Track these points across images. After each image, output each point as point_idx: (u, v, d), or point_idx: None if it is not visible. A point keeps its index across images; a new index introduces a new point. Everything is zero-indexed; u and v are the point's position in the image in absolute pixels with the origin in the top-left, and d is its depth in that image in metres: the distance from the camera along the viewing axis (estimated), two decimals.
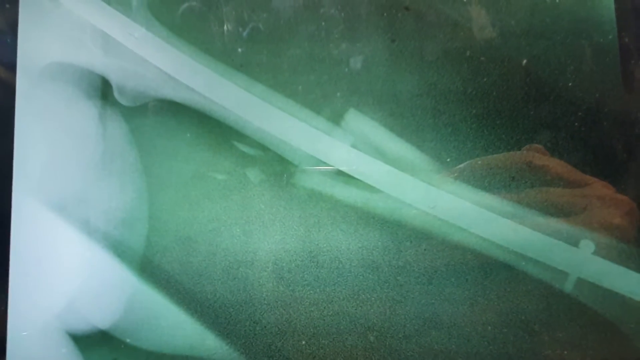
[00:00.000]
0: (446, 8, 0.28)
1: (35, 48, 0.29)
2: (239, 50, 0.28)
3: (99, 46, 0.29)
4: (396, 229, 0.27)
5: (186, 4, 0.29)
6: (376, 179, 0.27)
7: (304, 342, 0.27)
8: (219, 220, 0.28)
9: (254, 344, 0.27)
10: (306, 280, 0.27)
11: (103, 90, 0.28)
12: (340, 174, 0.27)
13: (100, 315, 0.27)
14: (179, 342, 0.27)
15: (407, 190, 0.27)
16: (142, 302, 0.27)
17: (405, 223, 0.27)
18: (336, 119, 0.27)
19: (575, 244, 0.26)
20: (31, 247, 0.28)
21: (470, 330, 0.26)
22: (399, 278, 0.27)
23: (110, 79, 0.28)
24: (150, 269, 0.27)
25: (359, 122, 0.27)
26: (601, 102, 0.27)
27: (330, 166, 0.27)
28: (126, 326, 0.27)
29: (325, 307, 0.27)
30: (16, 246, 0.28)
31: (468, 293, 0.26)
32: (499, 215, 0.26)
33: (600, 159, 0.27)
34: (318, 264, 0.27)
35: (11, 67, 0.29)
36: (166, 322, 0.27)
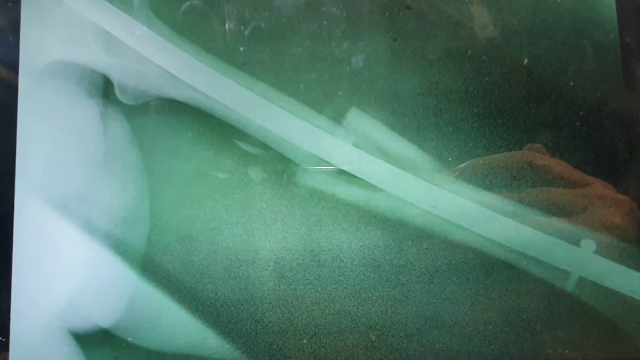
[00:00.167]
0: (448, 7, 0.28)
1: (37, 46, 0.29)
2: (241, 48, 0.28)
3: (100, 45, 0.29)
4: (397, 227, 0.27)
5: (188, 2, 0.29)
6: (378, 178, 0.27)
7: (305, 341, 0.27)
8: (221, 219, 0.28)
9: (255, 342, 0.27)
10: (307, 279, 0.27)
11: (105, 89, 0.28)
12: (341, 172, 0.27)
13: (101, 314, 0.27)
14: (180, 341, 0.27)
15: (408, 189, 0.27)
16: (144, 300, 0.27)
17: (407, 222, 0.27)
18: (338, 117, 0.27)
19: (576, 243, 0.26)
20: (33, 245, 0.28)
21: (472, 329, 0.26)
22: (400, 277, 0.27)
23: (111, 77, 0.28)
24: (152, 267, 0.27)
25: (360, 121, 0.27)
26: (602, 102, 0.27)
27: (332, 165, 0.27)
28: (128, 325, 0.27)
29: (326, 306, 0.27)
30: (18, 245, 0.28)
31: (469, 292, 0.26)
32: (500, 214, 0.26)
33: (601, 158, 0.27)
34: (319, 262, 0.27)
35: (13, 66, 0.29)
36: (167, 321, 0.27)
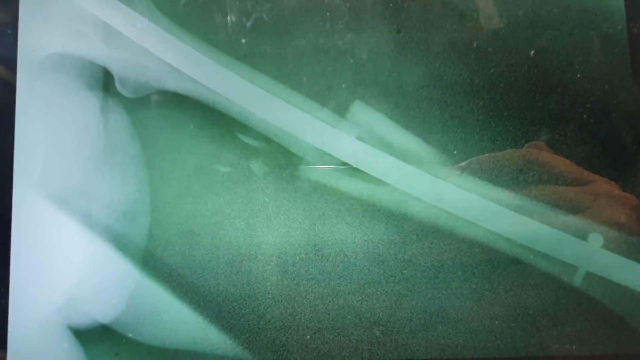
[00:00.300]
0: None
1: (36, 39, 0.29)
2: (243, 41, 0.28)
3: (100, 37, 0.28)
4: (402, 222, 0.27)
5: None
6: (382, 172, 0.27)
7: (308, 336, 0.27)
8: (223, 213, 0.27)
9: (257, 338, 0.27)
10: (311, 274, 0.27)
11: (105, 82, 0.28)
12: (345, 166, 0.27)
13: (102, 309, 0.27)
14: (181, 336, 0.27)
15: (413, 183, 0.27)
16: (145, 296, 0.27)
17: (411, 216, 0.27)
18: (341, 110, 0.27)
19: (583, 237, 0.26)
20: (32, 241, 0.28)
21: (477, 324, 0.26)
22: (404, 272, 0.27)
23: (112, 70, 0.28)
24: (153, 262, 0.27)
25: (364, 113, 0.27)
26: (610, 94, 0.27)
27: (336, 159, 0.27)
28: (128, 320, 0.27)
29: (330, 301, 0.27)
30: (17, 240, 0.28)
31: (475, 287, 0.26)
32: (506, 209, 0.26)
33: (609, 151, 0.26)
34: (323, 257, 0.27)
35: (12, 59, 0.28)
36: (169, 317, 0.27)
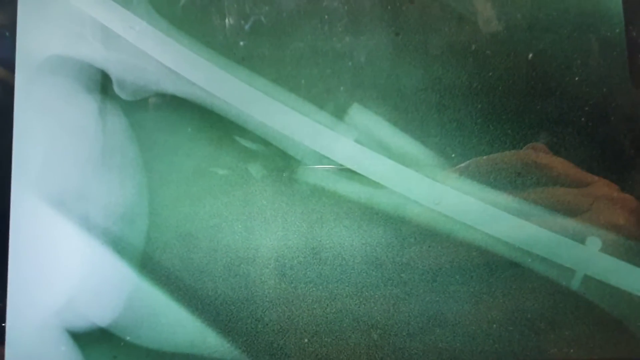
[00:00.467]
0: (451, 1, 0.28)
1: (34, 41, 0.29)
2: (241, 43, 0.28)
3: (98, 39, 0.28)
4: (400, 225, 0.27)
5: None
6: (380, 175, 0.27)
7: (306, 340, 0.27)
8: (221, 216, 0.27)
9: (255, 341, 0.27)
10: (308, 277, 0.27)
11: (103, 85, 0.28)
12: (343, 169, 0.27)
13: (99, 312, 0.27)
14: (179, 339, 0.27)
15: (411, 186, 0.27)
16: (142, 299, 0.27)
17: (410, 219, 0.27)
18: (340, 113, 0.27)
19: (581, 241, 0.26)
20: (30, 243, 0.28)
21: (475, 328, 0.26)
22: (403, 275, 0.27)
23: (110, 73, 0.28)
24: (151, 265, 0.27)
25: (362, 116, 0.27)
26: (608, 97, 0.27)
27: (334, 162, 0.27)
28: (126, 323, 0.27)
29: (328, 305, 0.27)
30: (15, 242, 0.28)
31: (473, 290, 0.26)
32: (504, 212, 0.26)
33: (607, 154, 0.26)
34: (321, 260, 0.27)
35: (10, 61, 0.28)
36: (167, 320, 0.27)
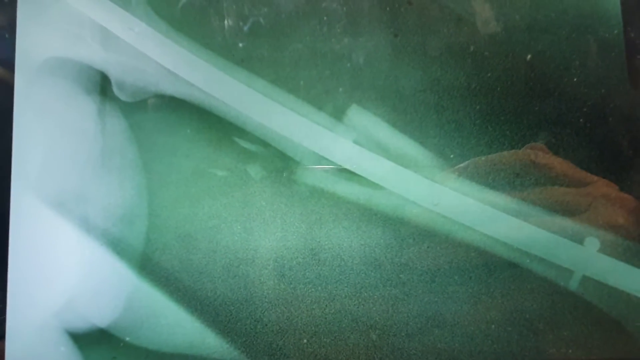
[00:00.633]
0: (449, 2, 0.28)
1: (34, 43, 0.29)
2: (240, 45, 0.28)
3: (98, 41, 0.28)
4: (399, 226, 0.27)
5: None
6: (378, 176, 0.27)
7: (305, 340, 0.27)
8: (220, 217, 0.27)
9: (254, 342, 0.27)
10: (307, 278, 0.27)
11: (102, 86, 0.28)
12: (342, 170, 0.27)
13: (99, 313, 0.27)
14: (178, 340, 0.27)
15: (410, 187, 0.27)
16: (142, 300, 0.27)
17: (408, 220, 0.27)
18: (338, 114, 0.27)
19: (580, 241, 0.26)
20: (30, 244, 0.28)
21: (474, 328, 0.26)
22: (401, 276, 0.27)
23: (109, 74, 0.28)
24: (150, 266, 0.27)
25: (361, 117, 0.27)
26: (606, 98, 0.27)
27: (332, 163, 0.27)
28: (125, 324, 0.27)
29: (326, 305, 0.27)
30: (15, 243, 0.28)
31: (471, 291, 0.26)
32: (502, 213, 0.26)
33: (605, 155, 0.26)
34: (319, 261, 0.27)
35: (9, 63, 0.28)
36: (166, 321, 0.27)
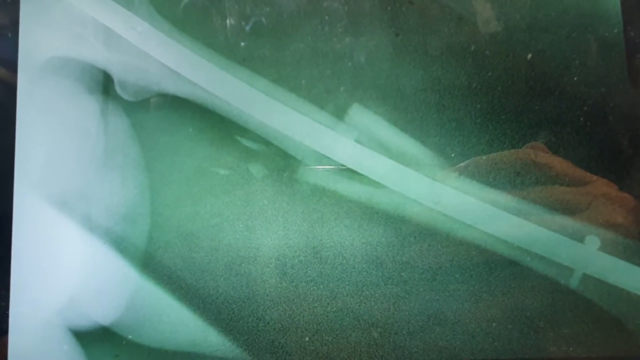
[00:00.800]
0: (450, 2, 0.28)
1: (37, 43, 0.29)
2: (242, 44, 0.28)
3: (100, 41, 0.28)
4: (400, 224, 0.27)
5: None
6: (380, 174, 0.27)
7: (307, 338, 0.27)
8: (222, 215, 0.27)
9: (257, 340, 0.27)
10: (309, 276, 0.27)
11: (105, 85, 0.28)
12: (343, 169, 0.27)
13: (102, 311, 0.27)
14: (181, 338, 0.27)
15: (411, 186, 0.27)
16: (144, 298, 0.27)
17: (409, 219, 0.27)
18: (340, 113, 0.27)
19: (580, 240, 0.26)
20: (33, 243, 0.28)
21: (475, 326, 0.26)
22: (403, 274, 0.27)
23: (112, 73, 0.28)
24: (152, 264, 0.27)
25: (362, 116, 0.27)
26: (607, 97, 0.27)
27: (334, 162, 0.27)
28: (128, 322, 0.27)
29: (328, 303, 0.27)
30: (18, 242, 0.28)
31: (472, 289, 0.26)
32: (503, 211, 0.26)
33: (606, 154, 0.26)
34: (321, 259, 0.27)
35: (12, 62, 0.28)
36: (168, 319, 0.27)
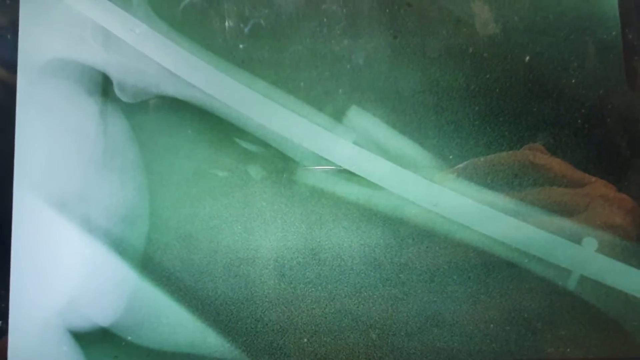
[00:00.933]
0: (449, 4, 0.28)
1: (36, 44, 0.29)
2: (241, 46, 0.28)
3: (99, 42, 0.28)
4: (398, 226, 0.27)
5: None
6: (378, 176, 0.27)
7: (305, 339, 0.27)
8: (220, 217, 0.27)
9: (255, 341, 0.27)
10: (308, 278, 0.27)
11: (104, 87, 0.28)
12: (342, 170, 0.27)
13: (101, 312, 0.27)
14: (180, 339, 0.27)
15: (409, 188, 0.27)
16: (143, 299, 0.27)
17: (408, 220, 0.27)
18: (338, 115, 0.27)
19: (578, 241, 0.26)
20: (32, 244, 0.28)
21: (473, 328, 0.26)
22: (401, 276, 0.27)
23: (111, 75, 0.28)
24: (151, 266, 0.27)
25: (361, 118, 0.27)
26: (605, 99, 0.27)
27: (332, 163, 0.27)
28: (127, 324, 0.27)
29: (326, 305, 0.27)
30: (17, 243, 0.28)
31: (470, 291, 0.26)
32: (501, 213, 0.26)
33: (603, 156, 0.26)
34: (320, 261, 0.27)
35: (12, 64, 0.28)
36: (167, 320, 0.27)
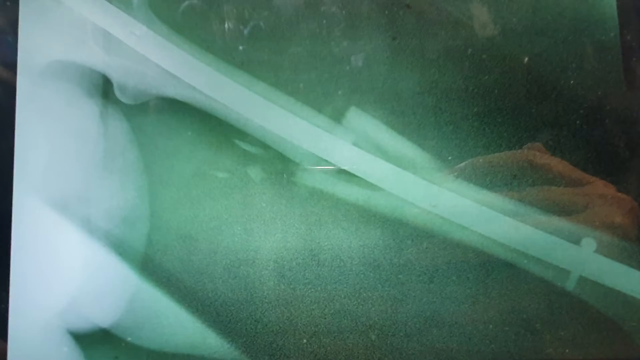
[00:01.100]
0: (448, 5, 0.28)
1: (36, 46, 0.29)
2: (240, 48, 0.28)
3: (100, 44, 0.29)
4: (397, 227, 0.27)
5: (187, 1, 0.29)
6: (377, 177, 0.27)
7: (305, 340, 0.27)
8: (220, 218, 0.28)
9: (255, 342, 0.27)
10: (307, 279, 0.27)
11: (104, 89, 0.28)
12: (341, 172, 0.27)
13: (101, 313, 0.27)
14: (180, 340, 0.27)
15: (408, 189, 0.27)
16: (143, 300, 0.27)
17: (407, 221, 0.27)
18: (337, 117, 0.27)
19: (577, 242, 0.26)
20: (32, 245, 0.28)
21: (472, 328, 0.26)
22: (400, 276, 0.27)
23: (111, 77, 0.28)
24: (152, 267, 0.27)
25: (360, 120, 0.27)
26: (603, 100, 0.27)
27: (332, 165, 0.27)
28: (127, 325, 0.27)
29: (326, 306, 0.27)
30: (17, 245, 0.28)
31: (469, 291, 0.26)
32: (500, 214, 0.26)
33: (602, 157, 0.27)
34: (319, 262, 0.27)
35: (12, 66, 0.29)
36: (167, 321, 0.27)
